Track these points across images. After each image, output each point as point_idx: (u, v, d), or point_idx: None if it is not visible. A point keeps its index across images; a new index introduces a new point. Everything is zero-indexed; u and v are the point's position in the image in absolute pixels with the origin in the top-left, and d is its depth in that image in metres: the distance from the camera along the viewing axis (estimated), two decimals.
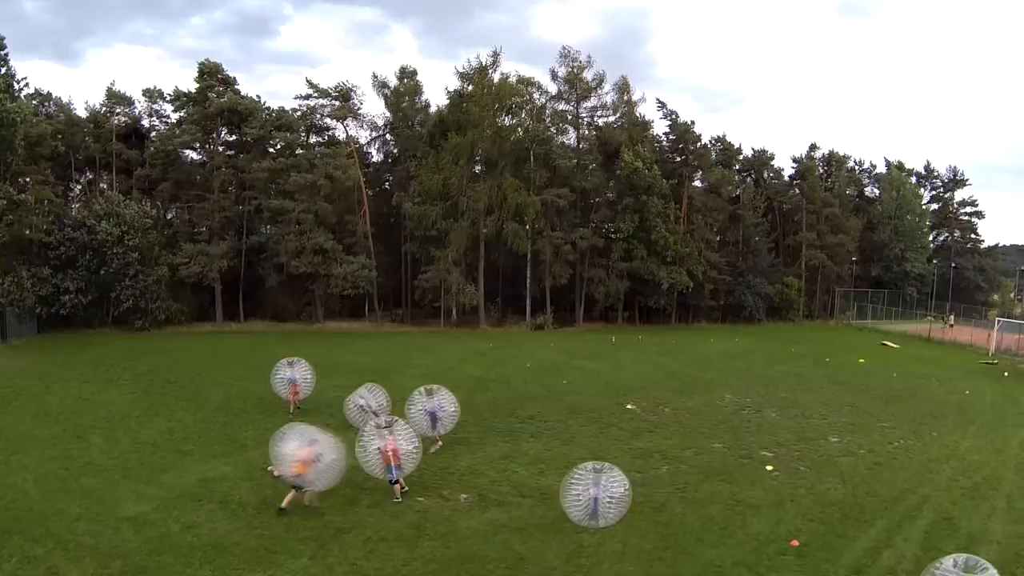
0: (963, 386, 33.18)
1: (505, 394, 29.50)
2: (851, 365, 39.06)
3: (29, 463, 18.00)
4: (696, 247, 57.67)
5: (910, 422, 25.53)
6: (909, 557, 14.17)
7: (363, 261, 51.09)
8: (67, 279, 41.18)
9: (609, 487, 14.76)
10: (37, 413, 23.02)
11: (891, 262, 68.66)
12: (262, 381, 27.55)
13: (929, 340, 52.88)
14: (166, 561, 13.04)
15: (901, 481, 18.94)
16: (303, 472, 15.25)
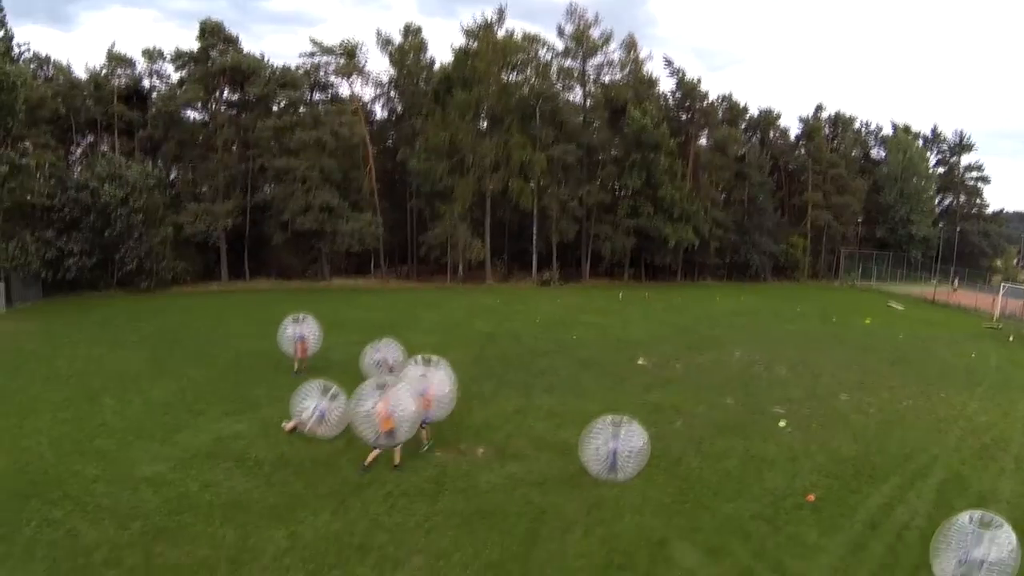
0: (969, 349, 33.14)
1: (516, 349, 29.48)
2: (857, 325, 39.03)
3: (42, 426, 17.77)
4: (702, 205, 57.58)
5: (918, 382, 25.58)
6: (922, 513, 14.39)
7: (369, 218, 50.85)
8: (71, 242, 40.59)
9: (628, 440, 14.87)
10: (47, 376, 22.64)
11: (896, 224, 68.38)
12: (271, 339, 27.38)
13: (934, 303, 52.79)
14: (186, 520, 12.99)
15: (912, 440, 19.10)
16: (391, 427, 15.03)
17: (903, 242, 68.02)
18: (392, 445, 15.32)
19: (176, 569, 11.35)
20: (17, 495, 13.67)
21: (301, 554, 11.98)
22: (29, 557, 11.45)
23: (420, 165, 51.29)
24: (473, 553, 12.12)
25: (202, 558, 11.72)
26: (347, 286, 50.77)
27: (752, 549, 12.89)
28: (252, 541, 12.34)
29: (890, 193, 67.87)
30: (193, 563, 11.57)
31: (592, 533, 13.19)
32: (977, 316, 46.84)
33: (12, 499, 13.46)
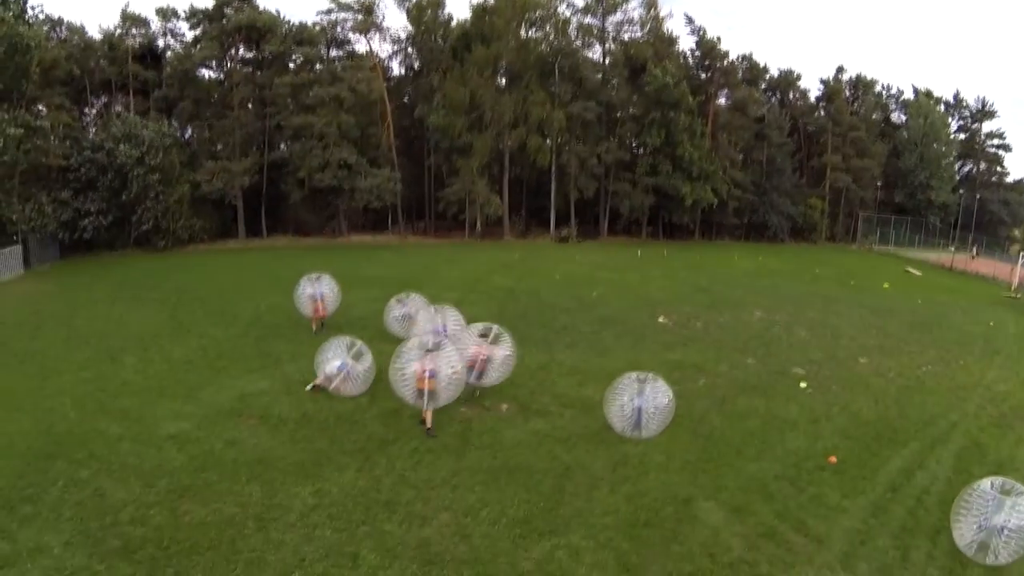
0: (987, 317, 32.83)
1: (536, 305, 29.44)
2: (876, 289, 38.77)
3: (65, 386, 17.64)
4: (721, 164, 57.21)
5: (936, 348, 25.40)
6: (942, 479, 14.40)
7: (388, 174, 50.86)
8: (87, 202, 40.75)
9: (654, 397, 14.90)
10: (68, 337, 22.47)
11: (915, 189, 67.68)
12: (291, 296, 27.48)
13: (952, 270, 52.31)
14: (211, 478, 12.97)
15: (931, 405, 19.02)
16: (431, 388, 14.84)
17: (922, 207, 67.34)
18: (431, 407, 15.04)
19: (203, 527, 11.34)
20: (43, 456, 13.63)
21: (328, 511, 11.95)
22: (57, 517, 11.41)
23: (439, 121, 51.06)
24: (500, 509, 12.13)
25: (229, 516, 11.71)
26: (365, 242, 50.83)
27: (775, 509, 12.89)
28: (278, 498, 12.32)
29: (910, 158, 67.01)
30: (220, 521, 11.56)
31: (618, 490, 13.22)
32: (995, 285, 46.42)
33: (38, 460, 13.43)
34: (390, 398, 17.11)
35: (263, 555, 10.72)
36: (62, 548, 10.59)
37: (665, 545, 11.48)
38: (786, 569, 11.01)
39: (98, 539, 10.89)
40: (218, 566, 10.43)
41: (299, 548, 10.89)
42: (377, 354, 17.91)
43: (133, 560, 10.44)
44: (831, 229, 66.16)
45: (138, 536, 11.05)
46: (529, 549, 11.03)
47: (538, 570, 10.53)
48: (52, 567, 10.18)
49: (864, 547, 11.74)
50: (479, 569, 10.40)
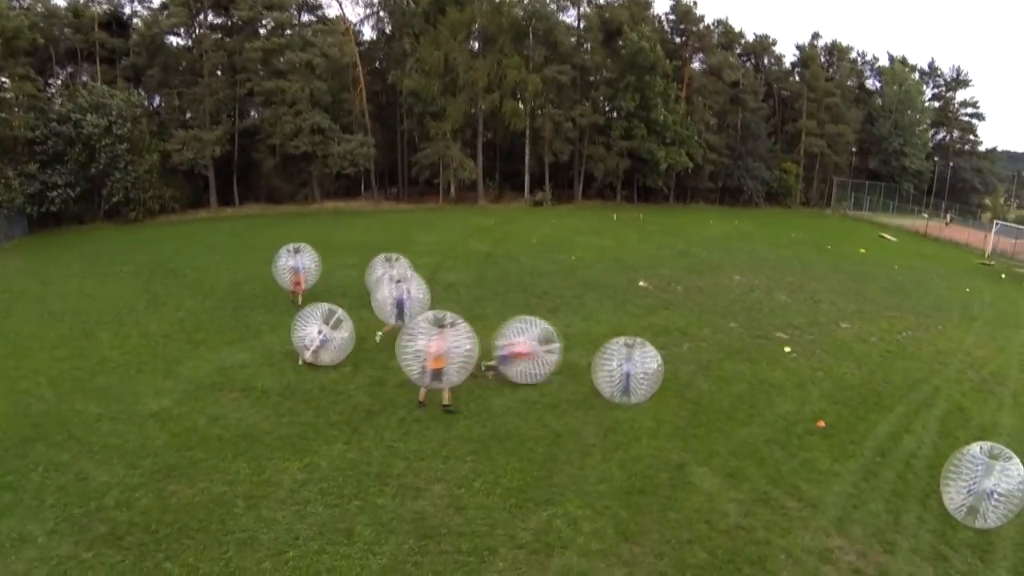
0: (963, 284, 33.26)
1: (515, 269, 29.18)
2: (852, 254, 38.97)
3: (40, 366, 17.01)
4: (696, 129, 57.16)
5: (915, 314, 25.66)
6: (928, 443, 14.64)
7: (361, 139, 49.92)
8: (55, 175, 39.27)
9: (643, 362, 14.81)
10: (41, 314, 21.63)
11: (889, 156, 68.17)
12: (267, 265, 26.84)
13: (926, 236, 52.78)
14: (197, 456, 12.61)
15: (913, 370, 19.26)
16: (440, 367, 14.05)
17: (895, 174, 67.94)
18: (438, 387, 14.35)
19: (191, 508, 11.01)
20: (21, 440, 13.12)
21: (319, 486, 11.70)
22: (39, 504, 10.99)
23: (414, 84, 50.26)
24: (493, 479, 11.97)
25: (217, 495, 11.40)
26: (338, 209, 50.02)
27: (768, 474, 12.94)
28: (267, 474, 12.03)
29: (884, 125, 67.47)
30: (208, 501, 11.24)
31: (610, 457, 13.14)
32: (969, 252, 46.96)
33: (16, 444, 12.92)
34: (373, 367, 17.05)
35: (255, 534, 10.43)
36: (46, 537, 10.24)
37: (662, 512, 11.43)
38: (783, 534, 11.02)
39: (83, 526, 10.52)
40: (209, 548, 10.11)
41: (292, 526, 10.64)
42: (357, 321, 17.65)
43: (121, 546, 10.09)
44: (805, 194, 66.61)
45: (124, 521, 10.68)
46: (526, 519, 10.89)
47: (536, 540, 10.39)
48: (37, 557, 9.81)
49: (857, 511, 11.84)
50: (476, 542, 10.23)
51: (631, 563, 10.08)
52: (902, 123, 67.49)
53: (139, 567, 9.67)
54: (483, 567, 9.74)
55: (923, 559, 10.66)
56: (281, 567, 9.74)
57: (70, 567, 9.61)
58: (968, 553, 10.89)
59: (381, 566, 9.71)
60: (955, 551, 10.89)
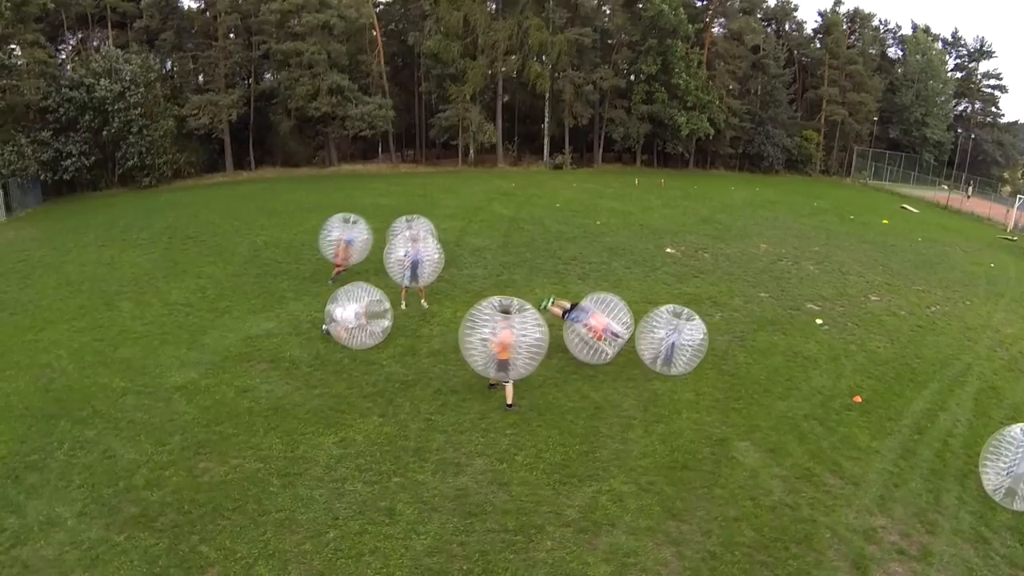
0: (986, 259, 32.54)
1: (541, 234, 28.61)
2: (875, 225, 38.15)
3: (60, 338, 16.45)
4: (717, 94, 56.18)
5: (943, 289, 25.25)
6: (963, 422, 14.47)
7: (380, 101, 49.26)
8: (69, 142, 38.77)
9: (690, 333, 14.50)
10: (58, 284, 21.01)
11: (911, 126, 66.64)
12: (288, 229, 26.73)
13: (947, 208, 51.81)
14: (227, 431, 12.21)
15: (944, 346, 18.98)
16: (506, 357, 12.77)
17: (916, 144, 66.57)
18: (504, 379, 13.00)
19: (224, 486, 10.62)
20: (44, 416, 12.68)
21: (355, 462, 11.34)
22: (66, 484, 10.60)
23: (435, 46, 49.42)
24: (535, 453, 11.68)
25: (250, 472, 11.01)
26: (356, 172, 49.40)
27: (809, 450, 12.70)
28: (301, 450, 11.65)
29: (907, 94, 65.95)
30: (242, 478, 10.85)
31: (652, 431, 12.87)
32: (991, 226, 46.10)
33: (39, 421, 12.49)
34: (404, 335, 16.71)
35: (293, 514, 10.08)
36: (76, 519, 9.86)
37: (707, 488, 11.20)
38: (827, 512, 10.82)
39: (113, 507, 10.14)
40: (246, 530, 9.76)
41: (330, 504, 10.29)
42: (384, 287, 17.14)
43: (154, 528, 9.73)
44: (825, 162, 65.54)
45: (156, 501, 10.32)
46: (571, 496, 10.64)
47: (583, 518, 10.15)
48: (67, 541, 9.42)
49: (898, 490, 11.65)
50: (523, 520, 9.97)
51: (679, 541, 9.85)
52: (924, 93, 65.98)
53: (174, 550, 9.32)
54: (531, 546, 9.49)
55: (964, 540, 10.49)
56: (322, 549, 9.40)
57: (102, 552, 9.24)
58: (1008, 535, 10.70)
59: (425, 547, 9.42)
60: (995, 533, 10.73)
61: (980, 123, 74.22)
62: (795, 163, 62.63)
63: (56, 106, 38.43)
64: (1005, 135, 74.88)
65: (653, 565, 9.32)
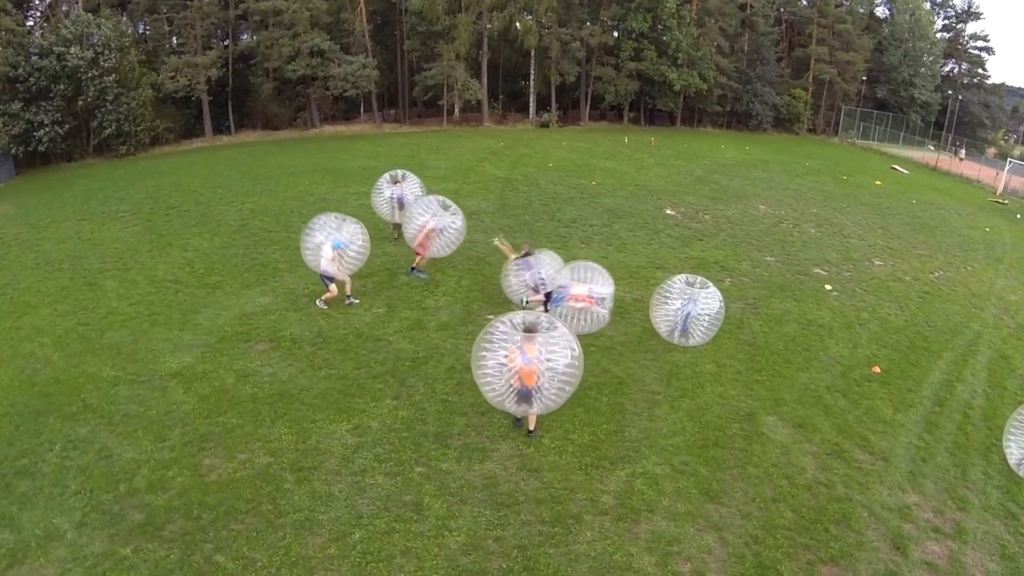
0: (981, 222, 32.52)
1: (537, 196, 27.90)
2: (868, 186, 37.93)
3: (42, 324, 15.26)
4: (707, 51, 55.30)
5: (943, 253, 25.17)
6: (980, 393, 14.35)
7: (363, 60, 47.87)
8: (40, 112, 36.92)
9: (706, 303, 14.04)
10: (37, 263, 19.64)
11: (898, 86, 66.52)
12: (275, 196, 25.72)
13: (936, 170, 51.63)
14: (231, 422, 11.38)
15: (952, 314, 18.94)
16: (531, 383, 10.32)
17: (903, 105, 66.58)
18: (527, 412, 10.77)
19: (234, 485, 9.84)
20: (31, 414, 11.66)
21: (373, 451, 10.64)
22: (62, 492, 9.70)
23: (419, 4, 48.09)
24: (562, 435, 11.11)
25: (261, 468, 10.23)
26: (339, 133, 48.03)
27: (836, 424, 12.46)
28: (313, 440, 10.91)
29: (895, 54, 65.68)
30: (252, 475, 10.07)
31: (678, 406, 12.43)
32: (981, 188, 46.17)
33: (27, 419, 11.47)
34: (408, 307, 15.97)
35: (312, 514, 9.35)
36: (76, 531, 9.01)
37: (741, 467, 10.80)
38: (861, 490, 10.57)
39: (116, 515, 9.29)
40: (263, 534, 9.00)
41: (352, 501, 9.59)
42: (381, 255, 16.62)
43: (162, 538, 8.91)
44: (812, 121, 65.17)
45: (161, 506, 9.49)
46: (604, 480, 10.13)
47: (620, 504, 9.65)
48: (68, 558, 8.58)
49: (926, 465, 11.50)
50: (558, 509, 9.43)
51: (720, 526, 9.43)
52: (913, 53, 65.85)
53: (187, 562, 8.54)
54: (570, 538, 8.97)
55: (994, 517, 10.42)
56: (348, 552, 8.72)
57: (107, 567, 8.44)
58: None
59: (460, 544, 8.79)
60: (1022, 508, 10.70)
61: (967, 84, 74.41)
62: (783, 121, 62.33)
63: (26, 76, 36.68)
64: (991, 97, 75.30)
65: (697, 553, 8.88)
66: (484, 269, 18.76)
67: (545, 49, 52.08)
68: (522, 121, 54.85)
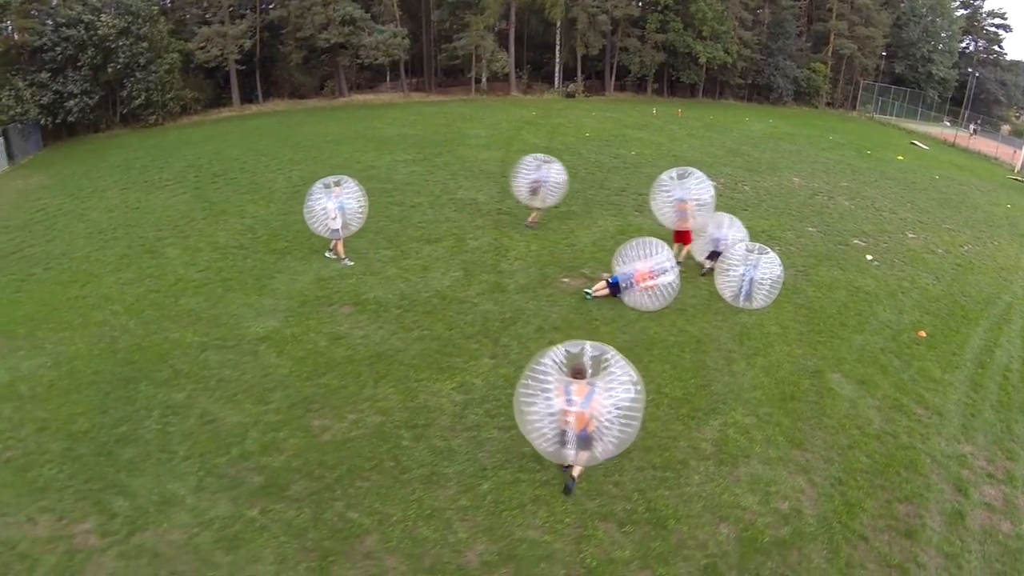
0: (1003, 199, 32.92)
1: (582, 164, 28.30)
2: (892, 161, 38.29)
3: (109, 292, 15.18)
4: (731, 24, 55.42)
5: (970, 228, 25.64)
6: (1016, 358, 15.01)
7: (395, 29, 48.39)
8: (69, 82, 37.15)
9: (768, 269, 14.70)
10: (89, 232, 19.51)
11: (917, 62, 66.80)
12: (320, 163, 26.05)
13: (954, 146, 51.82)
14: (332, 383, 11.52)
15: (984, 286, 19.47)
16: (585, 428, 8.56)
17: (921, 80, 66.86)
18: (582, 463, 9.08)
19: (351, 444, 10.03)
20: (119, 381, 11.52)
21: (482, 407, 11.02)
22: (170, 457, 9.68)
23: None
24: (656, 389, 11.85)
25: (375, 427, 10.44)
26: (368, 102, 48.25)
27: (893, 382, 13.20)
28: (421, 398, 11.22)
29: (914, 30, 65.64)
30: (368, 434, 10.27)
31: (753, 363, 13.20)
32: (999, 165, 46.40)
33: (116, 386, 11.36)
34: (484, 271, 16.58)
35: (436, 468, 9.65)
36: (194, 496, 9.00)
37: (817, 419, 11.59)
38: (923, 440, 11.34)
39: (234, 478, 9.32)
40: (392, 489, 9.23)
41: (473, 455, 9.96)
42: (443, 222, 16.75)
43: (288, 499, 9.00)
44: (831, 95, 65.28)
45: (280, 467, 9.56)
46: (701, 430, 10.94)
47: (719, 451, 10.48)
48: (193, 522, 8.56)
49: (975, 420, 12.24)
50: (665, 455, 10.23)
51: (807, 469, 10.27)
52: (932, 29, 65.93)
53: (320, 520, 8.66)
54: (681, 480, 9.78)
55: None
56: (480, 502, 9.05)
57: (237, 529, 8.47)
58: None
59: (583, 490, 9.38)
60: None
61: (983, 61, 74.40)
62: (802, 95, 62.61)
63: (52, 45, 36.73)
64: (1007, 74, 75.39)
65: (792, 492, 9.73)
66: (549, 235, 19.51)
67: (572, 20, 52.38)
68: (548, 91, 55.33)
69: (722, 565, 8.41)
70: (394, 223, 19.93)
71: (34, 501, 8.86)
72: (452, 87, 55.29)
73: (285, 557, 8.17)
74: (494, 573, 8.09)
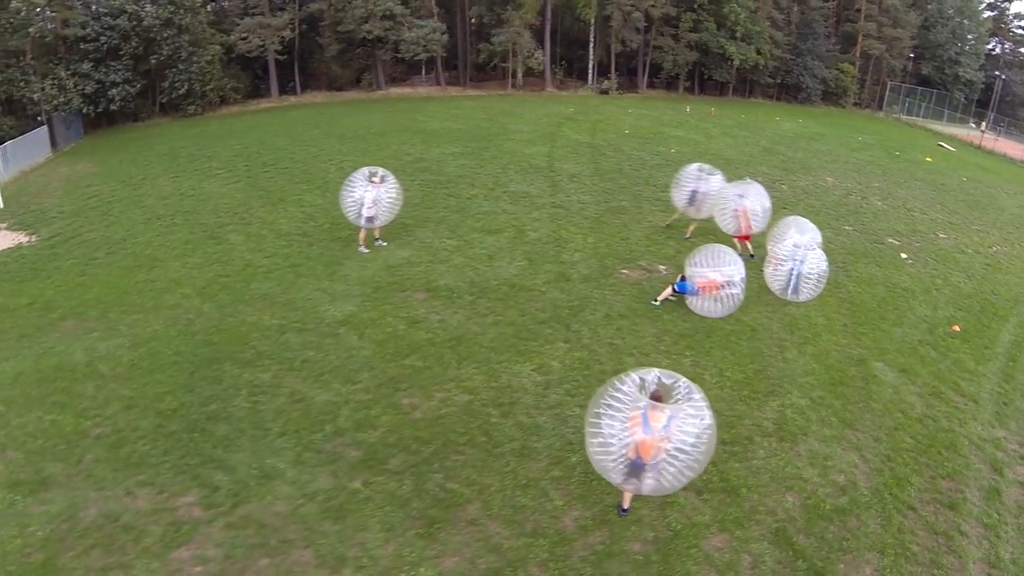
0: None
1: (627, 161, 28.98)
2: (920, 162, 38.78)
3: (178, 276, 15.72)
4: (762, 24, 56.04)
5: (998, 229, 26.23)
6: None
7: (433, 24, 49.03)
8: (111, 72, 37.71)
9: (815, 264, 15.64)
10: (147, 219, 19.94)
11: (944, 63, 66.58)
12: (370, 155, 26.38)
13: (980, 148, 52.02)
14: (416, 364, 12.16)
15: (1013, 285, 20.30)
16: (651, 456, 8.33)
17: (948, 82, 66.58)
18: (638, 491, 8.78)
19: (442, 421, 10.72)
20: (202, 361, 11.94)
21: (562, 388, 11.86)
22: (264, 433, 10.23)
23: None
24: (718, 372, 13.00)
25: (463, 405, 11.16)
26: (406, 95, 48.96)
27: (932, 371, 14.25)
28: (504, 379, 12.01)
29: (941, 32, 65.65)
30: (457, 412, 10.94)
31: (804, 351, 14.28)
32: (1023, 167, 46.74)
33: (200, 366, 11.78)
34: (547, 261, 17.39)
35: (526, 443, 10.43)
36: (294, 470, 9.50)
37: (864, 402, 12.69)
38: (961, 424, 12.41)
39: (331, 453, 9.86)
40: (487, 464, 9.95)
41: (559, 431, 10.76)
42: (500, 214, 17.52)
43: (389, 472, 9.58)
44: (858, 95, 65.52)
45: (376, 442, 10.13)
46: (762, 410, 12.06)
47: (780, 429, 11.60)
48: (296, 494, 9.07)
49: (1008, 408, 13.28)
50: (732, 432, 11.34)
51: (859, 447, 11.39)
52: (960, 32, 66.03)
53: (422, 491, 9.28)
54: (748, 454, 10.90)
55: None
56: (571, 473, 9.89)
57: (342, 500, 8.99)
58: None
59: None
60: None
61: (1009, 63, 74.09)
62: (831, 95, 62.79)
63: (95, 35, 37.24)
64: None
65: (847, 467, 10.85)
66: (602, 228, 20.45)
67: (607, 18, 52.96)
68: (582, 87, 55.92)
69: (791, 528, 9.54)
70: (453, 214, 20.86)
71: (131, 475, 9.36)
72: (486, 81, 55.98)
73: (392, 525, 8.75)
74: (590, 535, 9.09)
